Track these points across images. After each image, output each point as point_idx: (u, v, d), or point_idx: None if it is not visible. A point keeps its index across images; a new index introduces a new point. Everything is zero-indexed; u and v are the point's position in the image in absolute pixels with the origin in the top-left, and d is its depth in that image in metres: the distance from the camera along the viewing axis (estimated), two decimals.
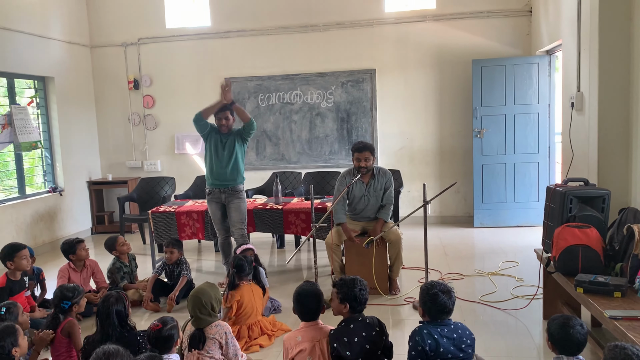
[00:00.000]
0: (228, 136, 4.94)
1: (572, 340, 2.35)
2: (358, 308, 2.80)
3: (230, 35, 7.50)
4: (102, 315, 3.05)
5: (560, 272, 3.28)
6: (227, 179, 4.92)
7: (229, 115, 4.92)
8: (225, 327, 3.12)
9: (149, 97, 7.78)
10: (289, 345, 2.83)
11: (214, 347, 3.02)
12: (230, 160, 4.91)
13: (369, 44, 7.25)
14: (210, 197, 5.00)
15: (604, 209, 3.43)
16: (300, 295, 2.90)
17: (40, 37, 6.78)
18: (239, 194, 4.97)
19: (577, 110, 4.90)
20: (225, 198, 4.96)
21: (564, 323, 2.38)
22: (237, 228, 4.94)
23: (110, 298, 3.09)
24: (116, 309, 3.05)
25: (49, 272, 5.19)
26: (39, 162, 6.99)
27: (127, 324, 3.10)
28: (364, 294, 2.82)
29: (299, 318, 2.94)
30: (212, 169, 4.95)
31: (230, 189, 4.94)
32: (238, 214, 4.95)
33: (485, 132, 6.75)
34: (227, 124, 4.92)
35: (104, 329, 3.03)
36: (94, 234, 7.66)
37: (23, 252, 4.11)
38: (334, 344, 2.73)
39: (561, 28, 5.49)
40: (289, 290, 4.68)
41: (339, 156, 7.44)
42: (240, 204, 4.97)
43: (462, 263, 5.41)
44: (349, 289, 2.78)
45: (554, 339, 2.40)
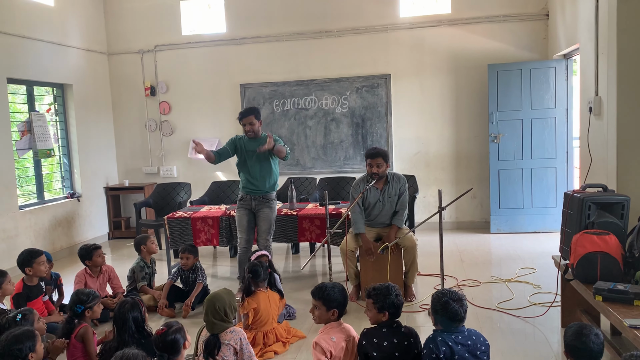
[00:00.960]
0: (257, 143, 4.80)
1: (586, 349, 2.31)
2: (397, 314, 2.81)
3: (246, 41, 7.54)
4: (119, 322, 3.07)
5: (578, 280, 3.23)
6: (259, 186, 4.85)
7: (253, 120, 4.78)
8: (240, 332, 3.12)
9: (165, 104, 7.85)
10: (325, 345, 2.78)
11: (229, 352, 3.02)
12: (261, 169, 4.82)
13: (384, 49, 7.24)
14: (241, 203, 4.93)
15: (623, 215, 3.36)
16: (327, 288, 2.91)
17: (59, 45, 6.88)
18: (269, 203, 4.89)
19: (595, 114, 4.84)
20: (255, 205, 4.88)
21: (578, 332, 2.35)
22: (263, 239, 4.85)
23: (125, 304, 3.11)
24: (132, 315, 3.07)
25: (67, 278, 5.25)
26: (57, 168, 7.09)
27: (144, 329, 3.12)
28: (400, 299, 2.82)
29: (336, 314, 2.91)
30: (244, 176, 4.90)
31: (261, 196, 4.86)
32: (266, 224, 4.85)
33: (502, 137, 6.69)
34: (252, 129, 4.79)
35: (120, 335, 3.05)
36: (111, 239, 7.73)
37: (41, 257, 4.16)
38: (362, 341, 2.75)
39: (578, 32, 5.43)
40: (304, 297, 4.70)
41: (354, 162, 7.43)
42: (269, 214, 4.87)
43: (479, 269, 5.35)
44: (385, 297, 2.77)
45: (569, 348, 2.38)
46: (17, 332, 2.71)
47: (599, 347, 2.32)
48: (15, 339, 2.66)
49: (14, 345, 2.64)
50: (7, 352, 2.64)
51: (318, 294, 2.92)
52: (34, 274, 4.11)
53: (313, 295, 2.96)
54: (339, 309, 2.89)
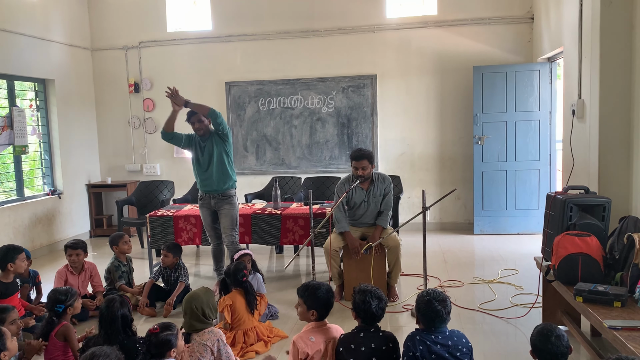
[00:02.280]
0: (206, 140, 4.81)
1: (546, 350, 2.33)
2: (374, 322, 2.76)
3: (232, 39, 7.49)
4: (107, 320, 2.99)
5: (559, 281, 3.25)
6: (213, 184, 4.81)
7: (201, 117, 4.75)
8: (218, 334, 3.08)
9: (149, 101, 7.77)
10: (300, 345, 2.76)
11: (206, 353, 2.99)
12: (211, 164, 4.78)
13: (370, 49, 7.24)
14: (202, 202, 4.93)
15: (605, 217, 3.39)
16: (310, 288, 2.88)
17: (41, 40, 6.77)
18: (229, 199, 4.86)
19: (578, 117, 4.88)
20: (215, 204, 4.86)
21: (541, 332, 2.37)
22: (227, 235, 4.84)
23: (114, 302, 3.03)
24: (121, 313, 3.01)
25: (47, 275, 5.17)
26: (38, 165, 6.98)
27: (131, 329, 3.06)
28: (378, 309, 2.73)
29: (316, 315, 2.87)
30: (199, 175, 4.87)
31: (219, 194, 4.83)
32: (228, 220, 4.84)
33: (486, 138, 6.72)
34: (201, 126, 4.76)
35: (107, 333, 2.98)
36: (93, 237, 7.63)
37: (22, 254, 4.09)
38: (339, 348, 2.72)
39: (563, 35, 5.48)
40: (286, 296, 4.67)
41: (339, 161, 7.42)
42: (230, 210, 4.85)
43: (462, 270, 5.37)
44: (361, 303, 2.72)
45: (535, 349, 2.40)
46: None
47: (560, 349, 2.32)
48: None
49: None
50: None
51: (301, 292, 2.91)
52: (15, 270, 4.03)
53: (298, 292, 2.94)
54: (318, 311, 2.86)
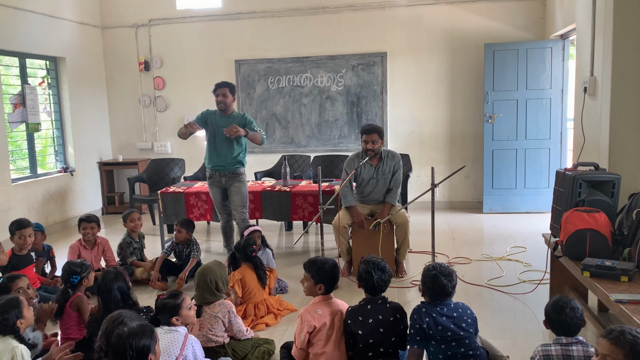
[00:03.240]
0: (228, 119, 4.80)
1: (564, 321, 2.37)
2: (376, 293, 2.82)
3: (241, 17, 7.46)
4: (103, 292, 3.07)
5: (567, 257, 3.26)
6: (227, 163, 4.85)
7: (227, 92, 4.77)
8: (228, 305, 3.15)
9: (159, 79, 7.79)
10: (306, 318, 2.81)
11: (217, 324, 3.05)
12: (230, 145, 4.81)
13: (381, 26, 7.18)
14: (211, 180, 4.96)
15: (614, 193, 3.38)
16: (317, 263, 2.93)
17: (51, 17, 6.79)
18: (239, 177, 4.91)
19: (590, 95, 4.84)
20: (225, 182, 4.90)
21: (556, 304, 2.41)
22: (239, 212, 4.89)
23: (109, 274, 3.12)
24: (117, 284, 3.08)
25: (60, 251, 5.26)
26: (50, 143, 7.05)
27: (130, 298, 3.14)
28: (381, 281, 2.79)
29: (323, 289, 2.92)
30: (211, 152, 4.89)
31: (230, 172, 4.88)
32: (239, 197, 4.89)
33: (497, 117, 6.69)
34: (225, 101, 4.77)
35: (105, 305, 3.06)
36: (105, 214, 7.73)
37: (26, 230, 4.16)
38: (347, 321, 2.76)
39: (576, 12, 5.40)
40: (296, 272, 4.73)
41: (349, 140, 7.42)
42: (241, 187, 4.90)
43: (470, 248, 5.40)
44: (364, 273, 2.79)
45: (548, 320, 2.45)
46: (1, 302, 2.71)
47: (574, 321, 2.36)
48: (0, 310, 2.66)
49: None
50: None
51: (308, 267, 2.95)
52: (16, 244, 4.12)
53: (304, 267, 2.98)
54: (325, 285, 2.90)
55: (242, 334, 3.15)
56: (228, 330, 3.12)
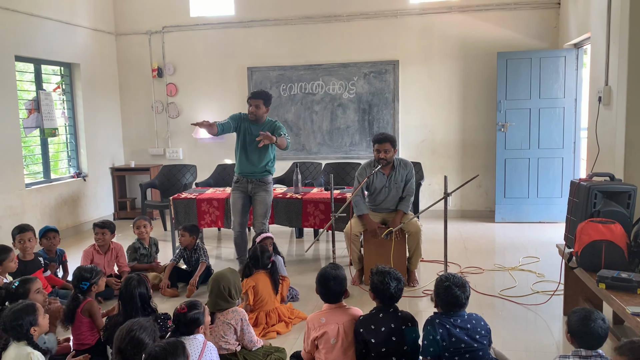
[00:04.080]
0: (260, 127, 4.77)
1: (592, 334, 2.31)
2: (392, 303, 2.80)
3: (254, 24, 7.50)
4: (125, 298, 3.09)
5: (582, 268, 3.23)
6: (256, 169, 4.82)
7: (260, 104, 4.74)
8: (241, 313, 3.14)
9: (172, 85, 7.84)
10: (312, 325, 2.82)
11: (229, 332, 3.05)
12: (260, 154, 4.78)
13: (393, 34, 7.19)
14: (237, 185, 4.91)
15: (630, 205, 3.35)
16: (323, 277, 2.90)
17: (66, 24, 6.87)
18: (266, 186, 4.87)
19: (605, 104, 4.80)
20: (251, 189, 4.86)
21: (585, 316, 2.34)
22: (259, 222, 4.83)
23: (132, 281, 3.13)
24: (139, 291, 3.09)
25: (72, 256, 5.29)
26: (63, 148, 7.11)
27: (150, 306, 3.14)
28: (396, 290, 2.78)
29: (321, 299, 2.94)
30: (241, 158, 4.85)
31: (258, 179, 4.84)
32: (262, 207, 4.83)
33: (509, 126, 6.65)
34: (256, 112, 4.74)
35: (126, 311, 3.07)
36: (116, 219, 7.77)
37: (26, 234, 4.18)
38: (360, 329, 2.74)
39: (590, 20, 5.37)
40: (307, 280, 4.72)
41: (360, 147, 7.42)
42: (266, 197, 4.85)
43: (482, 257, 5.36)
44: (380, 283, 2.76)
45: (573, 332, 2.37)
46: (17, 307, 2.71)
47: (605, 332, 2.32)
48: (14, 316, 2.66)
49: (14, 322, 2.65)
50: (10, 328, 2.66)
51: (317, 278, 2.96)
52: (18, 249, 4.14)
53: None
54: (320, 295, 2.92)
55: (252, 344, 3.14)
56: (240, 339, 3.11)
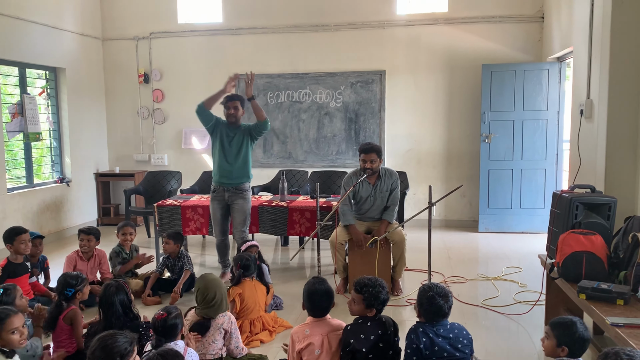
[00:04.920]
0: (236, 130, 4.83)
1: (579, 338, 2.34)
2: (381, 311, 2.83)
3: (242, 32, 7.52)
4: (105, 305, 3.07)
5: (563, 278, 3.28)
6: (233, 176, 4.83)
7: (238, 105, 4.79)
8: (230, 315, 3.16)
9: (158, 92, 7.82)
10: (296, 338, 2.82)
11: (219, 336, 3.04)
12: (239, 157, 4.81)
13: (380, 45, 7.25)
14: (214, 195, 4.93)
15: (610, 216, 3.41)
16: (312, 294, 2.90)
17: (52, 28, 6.82)
18: (243, 194, 4.87)
19: (586, 117, 4.88)
20: (229, 197, 4.87)
21: (567, 326, 2.37)
22: (239, 230, 4.85)
23: (110, 287, 3.11)
24: (118, 298, 3.07)
25: (54, 262, 5.23)
26: (47, 153, 7.04)
27: (131, 311, 3.12)
28: (388, 295, 2.84)
29: (308, 314, 2.94)
30: (219, 165, 4.86)
31: (234, 187, 4.85)
32: (240, 215, 4.85)
33: (493, 137, 6.73)
34: (236, 114, 4.78)
35: (107, 318, 3.05)
36: (100, 225, 7.70)
37: (23, 236, 4.13)
38: (349, 339, 2.74)
39: (573, 35, 5.48)
40: (291, 288, 4.72)
41: (346, 156, 7.45)
42: (244, 205, 4.86)
43: (465, 267, 5.40)
44: (377, 295, 2.77)
45: (564, 343, 2.37)
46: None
47: (588, 334, 2.37)
48: None
49: None
50: None
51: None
52: (14, 251, 4.09)
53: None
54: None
55: (238, 351, 3.14)
56: (227, 343, 3.10)
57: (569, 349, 2.36)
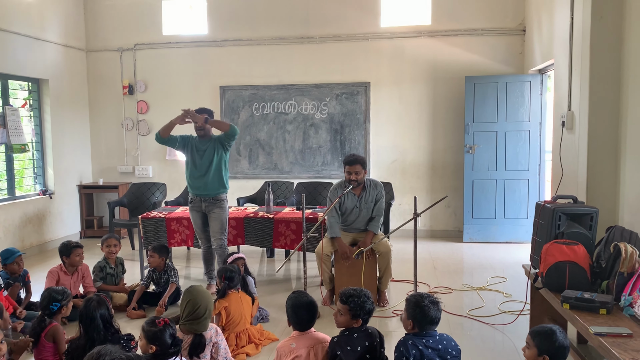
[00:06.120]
0: (207, 143, 4.85)
1: (559, 346, 2.36)
2: (367, 321, 2.84)
3: (227, 43, 7.54)
4: (86, 320, 3.02)
5: (547, 288, 3.31)
6: (207, 188, 4.84)
7: (206, 118, 4.82)
8: (215, 326, 3.13)
9: (143, 103, 7.78)
10: (282, 352, 2.81)
11: (208, 350, 3.02)
12: (210, 169, 4.81)
13: (364, 57, 7.31)
14: (192, 205, 4.95)
15: (592, 226, 3.46)
16: (296, 307, 2.89)
17: (36, 40, 6.77)
18: (220, 203, 4.88)
19: (568, 128, 4.96)
20: (205, 207, 4.88)
21: (546, 333, 2.39)
22: (217, 238, 4.86)
23: (91, 302, 3.07)
24: (100, 312, 3.03)
25: (36, 275, 5.16)
26: (29, 164, 6.96)
27: (112, 326, 3.08)
28: (373, 305, 2.86)
29: (293, 328, 2.94)
30: (192, 178, 4.88)
31: (211, 198, 4.86)
32: (217, 224, 4.86)
33: (477, 148, 6.81)
34: (204, 126, 4.82)
35: (88, 333, 3.00)
36: (83, 238, 7.61)
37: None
38: (336, 351, 2.74)
39: (554, 48, 5.58)
40: (277, 300, 4.70)
41: (332, 167, 7.47)
42: (220, 214, 4.87)
43: (451, 277, 5.43)
44: (363, 305, 2.77)
45: (545, 351, 2.38)
46: None
47: (567, 341, 2.39)
48: None
49: None
50: None
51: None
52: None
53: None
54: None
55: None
56: (214, 354, 3.08)
57: (549, 357, 2.38)
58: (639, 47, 3.97)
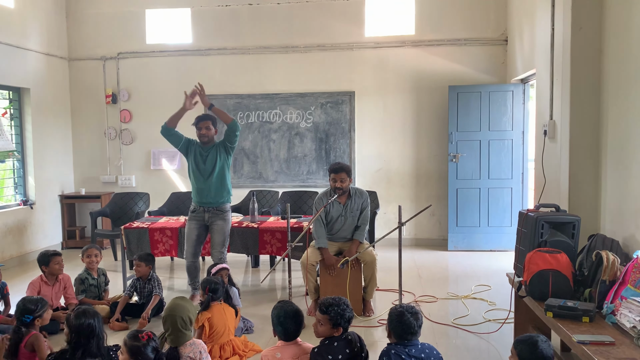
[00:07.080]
0: (209, 149, 4.81)
1: (541, 356, 2.36)
2: (347, 329, 2.85)
3: (211, 52, 7.52)
4: (74, 329, 2.95)
5: (531, 297, 3.33)
6: (211, 196, 4.78)
7: (210, 125, 4.80)
8: (200, 345, 3.08)
9: (126, 112, 7.72)
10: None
11: None
12: (213, 175, 4.76)
13: (349, 67, 7.34)
14: (193, 215, 4.87)
15: (574, 235, 3.49)
16: (281, 316, 2.88)
17: (17, 48, 6.70)
18: (223, 215, 4.83)
19: (550, 137, 5.02)
20: (208, 218, 4.82)
21: (528, 342, 2.39)
22: (217, 251, 4.79)
23: (80, 311, 3.00)
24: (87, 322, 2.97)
25: (17, 287, 5.07)
26: (10, 174, 6.85)
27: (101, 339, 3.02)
28: (352, 313, 2.89)
29: (278, 338, 2.92)
30: (196, 185, 4.82)
31: (215, 208, 4.81)
32: (220, 236, 4.80)
33: (461, 156, 6.85)
34: (208, 134, 4.79)
35: (81, 344, 2.93)
36: (65, 248, 7.50)
37: None
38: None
39: (535, 58, 5.65)
40: (262, 311, 4.67)
41: (317, 176, 7.47)
42: (224, 226, 4.81)
43: (436, 286, 5.44)
44: (342, 313, 2.79)
45: (524, 355, 2.39)
46: None
47: (550, 351, 2.39)
48: None
49: None
50: None
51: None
52: None
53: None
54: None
55: None
56: None
57: None
58: (618, 57, 4.04)
